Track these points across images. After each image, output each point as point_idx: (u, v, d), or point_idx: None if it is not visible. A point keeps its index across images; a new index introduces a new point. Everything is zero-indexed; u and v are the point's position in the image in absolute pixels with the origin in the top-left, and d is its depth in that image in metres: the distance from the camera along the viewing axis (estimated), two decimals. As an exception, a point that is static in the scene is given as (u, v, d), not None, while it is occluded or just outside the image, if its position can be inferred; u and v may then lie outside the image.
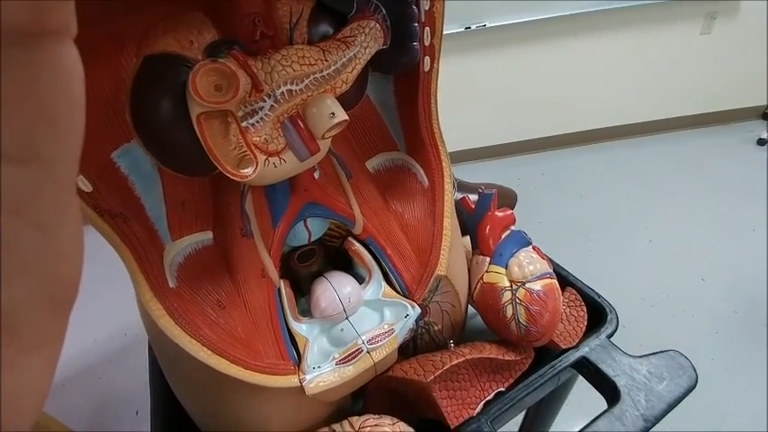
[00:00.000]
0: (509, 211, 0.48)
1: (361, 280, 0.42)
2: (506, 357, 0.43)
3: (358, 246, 0.41)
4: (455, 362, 0.38)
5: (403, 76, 0.38)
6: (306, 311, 0.40)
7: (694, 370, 0.42)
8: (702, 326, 1.27)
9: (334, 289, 0.39)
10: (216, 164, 0.30)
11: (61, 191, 0.11)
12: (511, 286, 0.43)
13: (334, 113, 0.31)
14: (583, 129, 2.08)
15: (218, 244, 0.36)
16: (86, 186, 0.26)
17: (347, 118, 0.31)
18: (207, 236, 0.36)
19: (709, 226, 1.60)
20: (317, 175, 0.37)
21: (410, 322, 0.39)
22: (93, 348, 1.64)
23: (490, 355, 0.42)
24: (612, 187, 1.86)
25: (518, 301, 0.42)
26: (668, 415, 0.39)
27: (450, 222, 0.40)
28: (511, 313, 0.43)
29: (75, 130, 0.11)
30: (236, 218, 0.35)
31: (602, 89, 1.99)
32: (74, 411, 1.42)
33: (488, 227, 0.48)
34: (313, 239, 0.41)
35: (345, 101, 0.33)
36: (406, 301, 0.40)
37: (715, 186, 1.78)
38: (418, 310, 0.40)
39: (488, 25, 1.69)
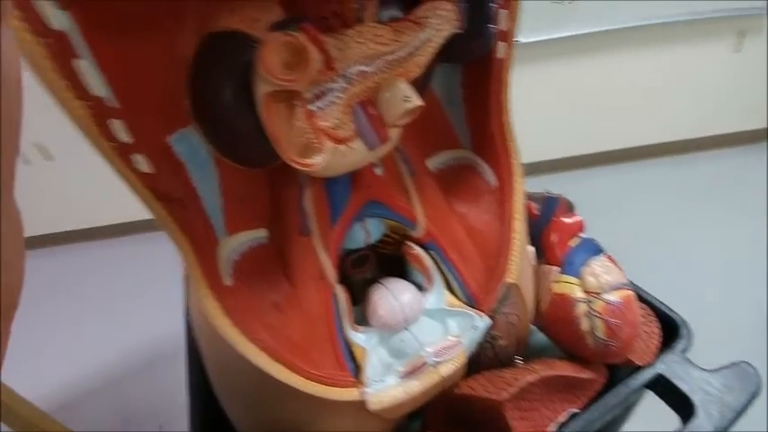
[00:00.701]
0: (577, 217, 0.45)
1: (418, 288, 0.38)
2: (581, 375, 0.38)
3: (418, 250, 0.38)
4: (530, 379, 0.34)
5: (473, 65, 0.35)
6: (360, 321, 0.37)
7: (759, 377, 0.41)
8: (733, 342, 1.21)
9: (393, 296, 0.36)
10: (279, 152, 0.28)
11: None
12: (585, 298, 0.39)
13: (408, 97, 0.28)
14: (614, 148, 2.02)
15: (274, 242, 0.33)
16: (146, 167, 0.23)
17: (422, 103, 0.28)
18: (262, 234, 0.33)
19: (740, 244, 1.55)
20: (379, 171, 0.35)
21: (479, 334, 0.36)
22: (116, 361, 1.64)
23: (564, 373, 0.38)
24: (644, 206, 1.80)
25: (595, 313, 0.38)
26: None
27: (520, 225, 0.37)
28: (587, 327, 0.38)
29: (8, 120, 0.10)
30: (294, 214, 0.33)
31: (635, 108, 1.94)
32: (95, 425, 1.41)
33: (555, 234, 0.44)
34: (370, 242, 0.38)
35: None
36: (472, 311, 0.36)
37: (746, 205, 1.72)
38: (487, 320, 0.36)
39: (521, 41, 1.67)
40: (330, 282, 0.34)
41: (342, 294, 0.35)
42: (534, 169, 2.02)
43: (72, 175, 1.90)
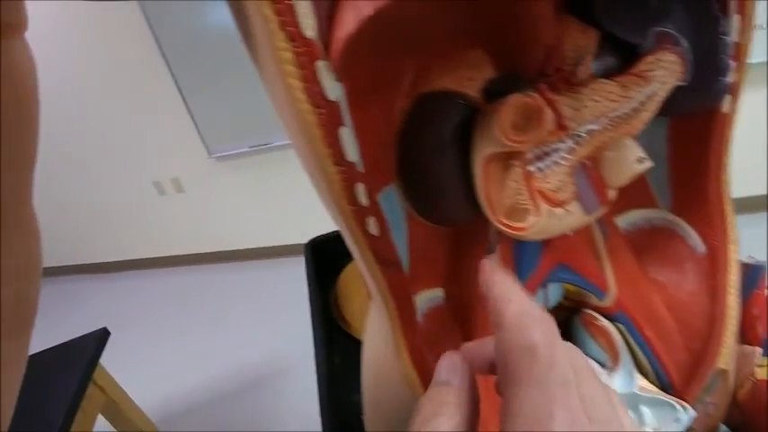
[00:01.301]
0: (786, 291, 0.38)
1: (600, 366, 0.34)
2: None
3: (604, 322, 0.33)
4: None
5: (684, 118, 0.31)
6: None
7: None
8: None
9: (575, 372, 0.32)
10: (488, 213, 0.26)
11: (5, 201, 0.10)
12: None
13: (641, 158, 0.25)
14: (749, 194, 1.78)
15: (452, 305, 0.31)
16: (374, 229, 0.22)
17: (652, 163, 0.25)
18: (439, 293, 0.31)
19: None
20: (571, 232, 0.31)
21: (681, 429, 0.30)
22: (213, 384, 1.71)
23: None
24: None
25: None
26: None
27: (734, 300, 0.31)
28: None
29: (23, 130, 0.09)
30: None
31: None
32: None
33: (757, 309, 0.37)
34: (547, 308, 0.34)
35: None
36: (674, 401, 0.31)
37: None
38: (692, 413, 0.30)
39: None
40: (514, 352, 0.31)
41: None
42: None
43: (199, 206, 2.11)
